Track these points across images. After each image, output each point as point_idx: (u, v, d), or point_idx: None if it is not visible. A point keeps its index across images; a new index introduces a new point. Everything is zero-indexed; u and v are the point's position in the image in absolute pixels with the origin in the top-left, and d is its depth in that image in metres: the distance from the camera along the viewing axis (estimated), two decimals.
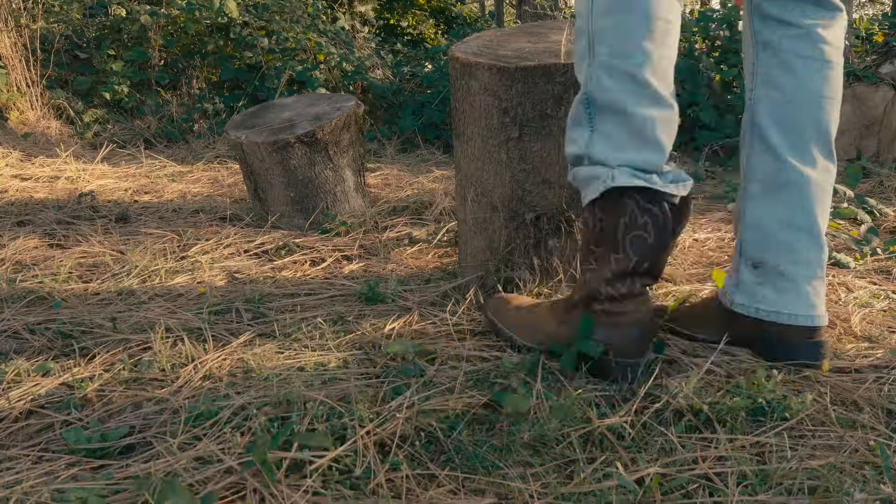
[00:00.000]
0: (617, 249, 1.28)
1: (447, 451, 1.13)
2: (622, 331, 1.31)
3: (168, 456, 1.10)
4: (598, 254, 1.31)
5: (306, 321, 1.63)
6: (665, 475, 1.09)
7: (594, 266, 1.32)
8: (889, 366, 1.41)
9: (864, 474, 1.07)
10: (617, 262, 1.28)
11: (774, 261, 1.40)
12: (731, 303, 1.45)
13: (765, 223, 1.41)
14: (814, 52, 1.36)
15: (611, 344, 1.31)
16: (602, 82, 1.25)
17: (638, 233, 1.25)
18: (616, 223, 1.26)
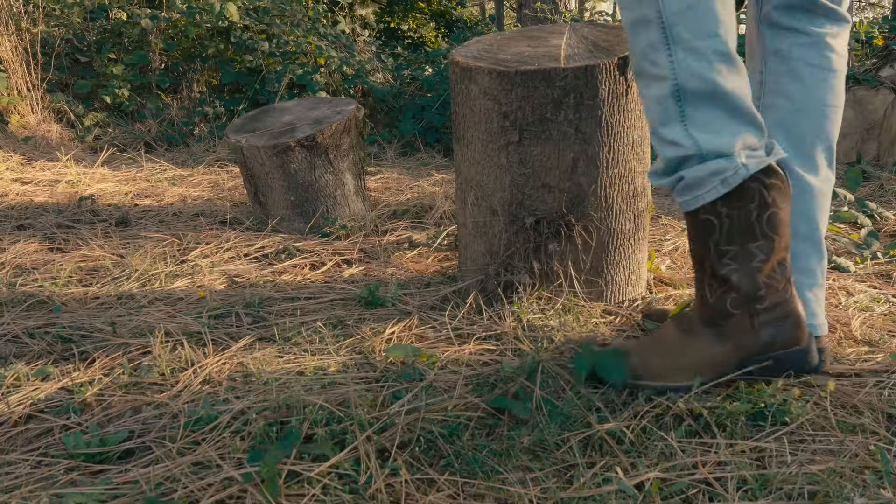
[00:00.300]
0: (755, 237, 1.21)
1: (447, 455, 1.13)
2: (790, 320, 1.25)
3: (167, 461, 1.10)
4: (733, 252, 1.22)
5: (306, 325, 1.63)
6: (665, 480, 1.09)
7: (735, 265, 1.23)
8: (889, 370, 1.41)
9: (864, 479, 1.07)
10: (761, 248, 1.22)
11: None
12: None
13: None
14: (822, 60, 1.36)
15: (780, 339, 1.24)
16: (692, 68, 1.17)
17: (771, 211, 1.20)
18: (747, 210, 1.20)
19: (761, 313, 1.24)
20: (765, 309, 1.24)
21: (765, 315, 1.24)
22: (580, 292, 1.71)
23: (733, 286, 1.24)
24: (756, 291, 1.23)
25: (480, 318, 1.66)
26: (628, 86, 1.63)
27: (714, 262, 1.24)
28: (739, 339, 1.25)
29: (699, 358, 1.27)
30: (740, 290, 1.23)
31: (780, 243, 1.22)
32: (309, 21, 4.95)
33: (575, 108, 1.61)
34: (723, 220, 1.21)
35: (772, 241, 1.21)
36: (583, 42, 1.74)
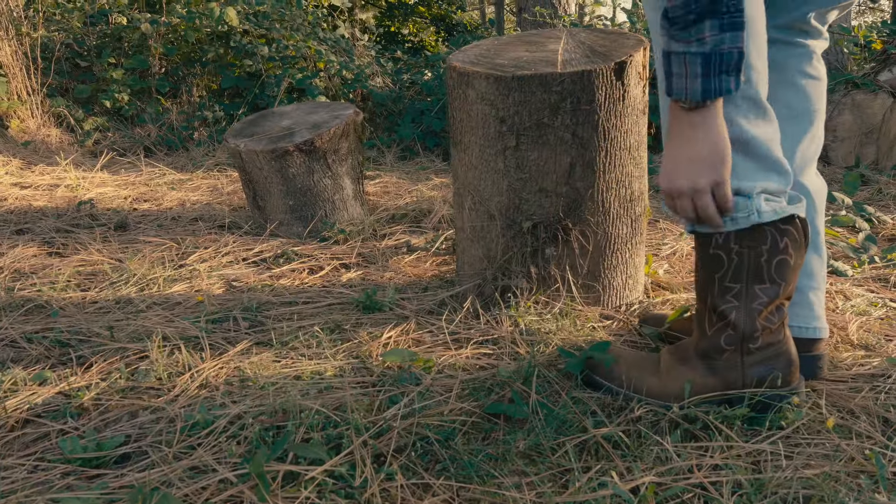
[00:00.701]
0: (762, 279, 1.22)
1: (442, 460, 1.13)
2: (781, 359, 1.26)
3: (163, 465, 1.10)
4: (738, 289, 1.24)
5: (303, 330, 1.64)
6: (660, 484, 1.09)
7: (736, 303, 1.24)
8: (885, 374, 1.41)
9: (859, 483, 1.07)
10: (765, 291, 1.23)
11: None
12: None
13: None
14: (813, 70, 1.41)
15: (770, 378, 1.26)
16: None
17: (781, 257, 1.21)
18: (758, 252, 1.21)
19: (753, 353, 1.26)
20: (757, 349, 1.25)
21: (756, 354, 1.26)
22: (577, 297, 1.71)
23: (731, 323, 1.25)
24: (753, 332, 1.24)
25: (478, 322, 1.66)
26: (625, 91, 1.64)
27: (717, 297, 1.25)
28: (727, 375, 1.27)
29: (686, 386, 1.29)
30: (737, 328, 1.25)
31: (785, 290, 1.24)
32: (308, 25, 4.96)
33: (572, 112, 1.61)
34: (732, 258, 1.22)
35: (777, 287, 1.23)
36: (580, 47, 1.74)
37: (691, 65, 1.08)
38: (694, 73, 1.09)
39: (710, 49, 1.07)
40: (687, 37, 1.07)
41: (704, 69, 1.08)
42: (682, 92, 1.11)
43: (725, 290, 1.24)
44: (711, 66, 1.08)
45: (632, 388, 1.31)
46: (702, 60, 1.08)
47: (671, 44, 1.10)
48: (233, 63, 4.79)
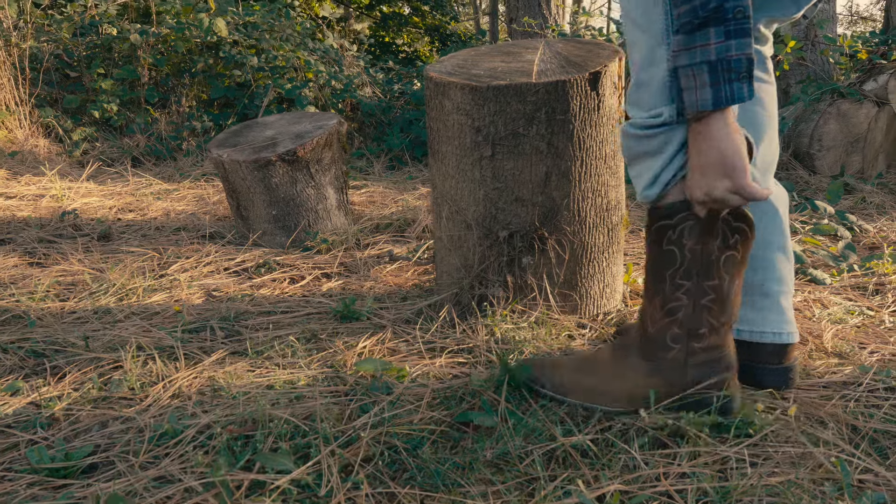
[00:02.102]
0: (711, 277, 1.23)
1: (410, 469, 1.13)
2: (721, 364, 1.27)
3: (129, 475, 1.10)
4: (687, 287, 1.24)
5: (279, 339, 1.64)
6: (626, 492, 1.09)
7: (684, 301, 1.25)
8: (857, 382, 1.42)
9: (823, 490, 1.08)
10: (714, 289, 1.24)
11: (757, 279, 1.41)
12: None
13: None
14: (766, 75, 1.41)
15: (708, 381, 1.26)
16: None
17: (730, 253, 1.23)
18: (710, 249, 1.22)
19: (697, 353, 1.26)
20: (702, 348, 1.26)
21: (700, 355, 1.26)
22: (554, 305, 1.72)
23: (678, 320, 1.26)
24: (698, 329, 1.25)
25: (453, 331, 1.67)
26: (600, 101, 1.65)
27: (667, 294, 1.26)
28: (670, 376, 1.27)
29: (628, 388, 1.29)
30: (683, 326, 1.26)
31: (734, 286, 1.25)
32: (298, 36, 4.98)
33: (547, 122, 1.62)
34: (685, 254, 1.23)
35: (726, 283, 1.24)
36: (556, 57, 1.75)
37: (698, 75, 1.09)
38: (702, 82, 1.09)
39: (714, 57, 1.07)
40: (691, 43, 1.07)
41: (713, 77, 1.08)
42: (694, 104, 1.10)
43: (676, 287, 1.25)
44: (720, 73, 1.07)
45: (573, 393, 1.31)
46: (708, 69, 1.08)
47: (678, 58, 1.10)
48: (222, 73, 4.81)
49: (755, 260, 1.42)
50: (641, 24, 1.19)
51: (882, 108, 3.88)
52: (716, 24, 1.06)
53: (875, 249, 2.48)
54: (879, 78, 4.08)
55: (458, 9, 14.41)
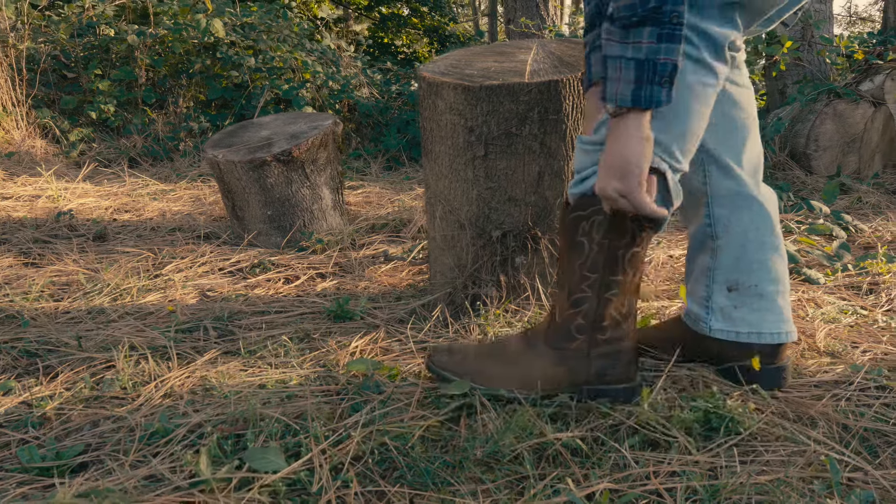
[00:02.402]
0: (616, 271, 1.27)
1: (400, 467, 1.14)
2: (623, 356, 1.31)
3: (119, 474, 1.10)
4: (592, 279, 1.28)
5: (272, 339, 1.64)
6: (616, 491, 1.09)
7: (589, 293, 1.29)
8: (848, 381, 1.42)
9: (812, 489, 1.08)
10: (618, 284, 1.27)
11: (752, 281, 1.42)
12: (709, 329, 1.45)
13: (739, 245, 1.42)
14: (743, 80, 1.42)
15: (611, 373, 1.31)
16: None
17: (636, 250, 1.26)
18: (618, 245, 1.25)
19: (600, 344, 1.30)
20: (604, 340, 1.30)
21: (603, 347, 1.31)
22: (547, 305, 1.72)
23: (582, 311, 1.30)
24: (601, 321, 1.29)
25: (446, 330, 1.67)
26: None
27: (573, 284, 1.29)
28: (574, 365, 1.31)
29: (533, 374, 1.32)
30: (587, 317, 1.29)
31: (635, 282, 1.30)
32: (295, 37, 4.98)
33: (539, 122, 1.62)
34: (593, 247, 1.26)
35: (628, 278, 1.28)
36: (549, 57, 1.76)
37: (625, 69, 1.09)
38: (627, 77, 1.10)
39: (644, 56, 1.08)
40: (625, 38, 1.08)
41: (637, 75, 1.09)
42: (614, 97, 1.11)
43: (583, 278, 1.28)
44: (645, 72, 1.08)
45: (475, 377, 1.33)
46: (635, 66, 1.09)
47: (609, 47, 1.11)
48: (219, 74, 4.81)
49: (750, 263, 1.42)
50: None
51: (878, 108, 3.89)
52: (652, 25, 1.07)
53: (870, 249, 2.48)
54: (876, 78, 4.08)
55: (456, 10, 14.44)
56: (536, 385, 1.32)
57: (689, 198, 1.47)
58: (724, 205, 1.42)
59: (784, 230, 2.65)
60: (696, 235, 1.49)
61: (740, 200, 1.42)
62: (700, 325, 1.47)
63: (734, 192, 1.42)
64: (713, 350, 1.46)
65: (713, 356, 1.46)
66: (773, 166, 3.86)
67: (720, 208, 1.43)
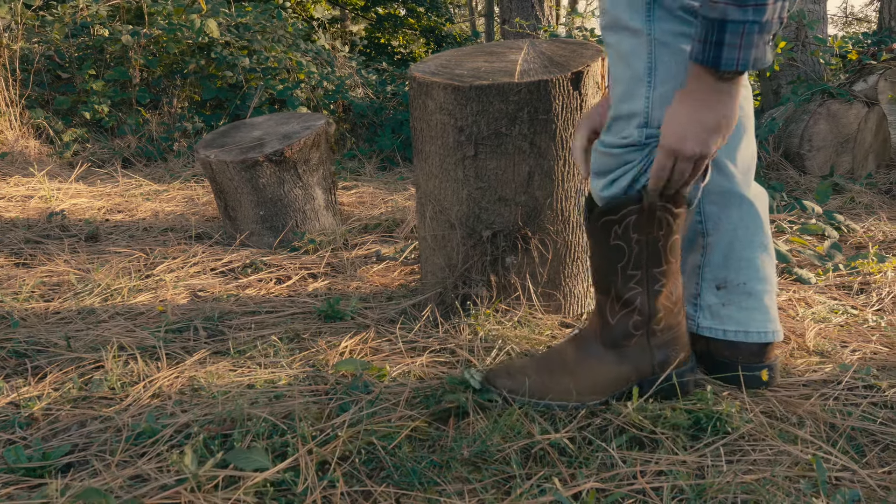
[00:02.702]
0: (660, 263, 1.28)
1: (387, 467, 1.13)
2: (680, 339, 1.33)
3: (105, 474, 1.10)
4: (639, 276, 1.29)
5: (262, 339, 1.64)
6: (603, 490, 1.09)
7: (638, 288, 1.29)
8: (836, 380, 1.42)
9: (798, 488, 1.08)
10: (664, 273, 1.29)
11: (740, 279, 1.43)
12: (697, 326, 1.46)
13: (727, 243, 1.43)
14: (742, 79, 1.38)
15: (671, 359, 1.32)
16: None
17: (675, 238, 1.27)
18: (655, 238, 1.26)
19: (657, 334, 1.32)
20: (661, 330, 1.32)
21: (660, 336, 1.32)
22: (537, 305, 1.72)
23: (636, 308, 1.30)
24: (655, 314, 1.30)
25: (436, 330, 1.67)
26: (582, 100, 1.65)
27: (620, 285, 1.30)
28: (638, 360, 1.32)
29: (599, 379, 1.32)
30: (643, 312, 1.30)
31: (677, 267, 1.31)
32: (290, 37, 4.98)
33: (529, 122, 1.62)
34: (633, 247, 1.27)
35: (671, 266, 1.29)
36: (540, 57, 1.76)
37: (748, 34, 1.05)
38: (749, 42, 1.06)
39: (767, 18, 1.04)
40: (744, 1, 1.03)
41: (760, 38, 1.06)
42: (733, 62, 1.07)
43: (629, 277, 1.29)
44: (764, 35, 1.06)
45: (544, 394, 1.31)
46: (759, 29, 1.05)
47: (729, 11, 1.05)
48: (214, 74, 4.81)
49: (738, 261, 1.43)
50: (626, 60, 1.21)
51: (872, 108, 3.90)
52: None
53: (862, 249, 2.48)
54: (869, 78, 4.09)
55: (453, 10, 14.44)
56: (607, 388, 1.32)
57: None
58: (715, 202, 1.43)
59: (777, 230, 2.65)
60: (686, 234, 1.48)
61: (731, 198, 1.42)
62: (689, 323, 1.47)
63: (725, 190, 1.42)
64: (702, 348, 1.46)
65: (702, 354, 1.47)
66: (766, 166, 3.87)
67: (711, 205, 1.43)
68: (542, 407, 1.30)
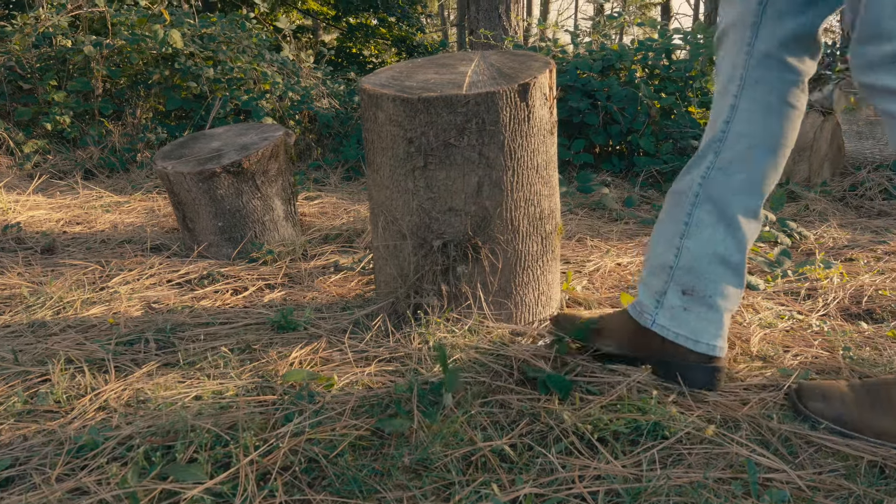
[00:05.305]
0: None
1: (328, 476, 1.14)
2: None
3: (44, 488, 1.10)
4: None
5: (213, 350, 1.64)
6: (541, 495, 1.11)
7: None
8: (776, 385, 1.46)
9: (730, 490, 1.11)
10: None
11: (706, 291, 1.44)
12: (652, 322, 1.48)
13: (706, 253, 1.43)
14: (797, 101, 1.40)
15: None
16: None
17: None
18: None
19: None
20: None
21: None
22: (488, 313, 1.74)
23: None
24: None
25: (387, 340, 1.68)
26: (530, 112, 1.68)
27: None
28: None
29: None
30: None
31: None
32: (255, 48, 4.97)
33: (478, 133, 1.65)
34: None
35: None
36: (489, 69, 1.78)
37: None
38: None
39: None
40: None
41: None
42: None
43: None
44: None
45: (864, 430, 1.27)
46: None
47: None
48: (178, 85, 4.79)
49: (709, 275, 1.43)
50: None
51: (827, 117, 3.98)
52: None
53: (812, 255, 2.54)
54: (825, 88, 4.18)
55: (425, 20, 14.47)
56: None
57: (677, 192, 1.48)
58: (710, 212, 1.42)
59: None
60: (666, 229, 1.49)
61: (722, 214, 1.42)
62: (644, 318, 1.50)
63: (723, 204, 1.41)
64: (655, 344, 1.48)
65: (653, 351, 1.48)
66: None
67: (704, 213, 1.43)
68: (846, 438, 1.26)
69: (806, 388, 1.36)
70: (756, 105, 1.37)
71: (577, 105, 4.12)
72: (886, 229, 2.84)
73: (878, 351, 1.65)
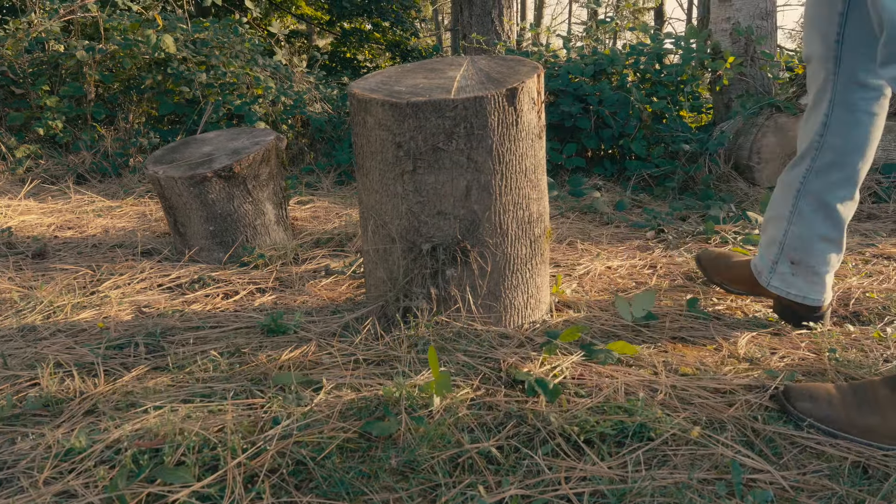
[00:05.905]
0: None
1: (315, 478, 1.15)
2: None
3: (31, 491, 1.10)
4: None
5: (203, 354, 1.64)
6: (527, 497, 1.12)
7: None
8: (762, 386, 1.47)
9: (714, 490, 1.11)
10: None
11: (811, 263, 1.76)
12: (768, 283, 1.84)
13: (809, 235, 1.74)
14: (879, 109, 1.64)
15: None
16: None
17: None
18: None
19: None
20: None
21: None
22: (477, 316, 1.75)
23: None
24: None
25: (377, 343, 1.69)
26: (518, 116, 1.69)
27: None
28: None
29: None
30: None
31: None
32: (248, 52, 4.98)
33: (466, 137, 1.66)
34: None
35: None
36: (478, 74, 1.79)
37: None
38: None
39: None
40: None
41: None
42: None
43: None
44: None
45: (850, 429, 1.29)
46: None
47: None
48: (171, 90, 4.79)
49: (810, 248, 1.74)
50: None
51: None
52: None
53: None
54: None
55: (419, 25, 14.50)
56: None
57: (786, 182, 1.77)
58: (809, 203, 1.72)
59: (721, 241, 2.72)
60: (777, 211, 1.80)
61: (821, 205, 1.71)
62: (762, 278, 1.86)
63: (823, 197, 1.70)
64: (772, 294, 1.87)
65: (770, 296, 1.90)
66: (717, 178, 3.95)
67: (804, 204, 1.73)
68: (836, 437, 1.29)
69: (794, 389, 1.38)
70: (843, 120, 1.64)
71: (569, 109, 4.14)
72: (875, 232, 2.86)
73: (864, 353, 1.66)
